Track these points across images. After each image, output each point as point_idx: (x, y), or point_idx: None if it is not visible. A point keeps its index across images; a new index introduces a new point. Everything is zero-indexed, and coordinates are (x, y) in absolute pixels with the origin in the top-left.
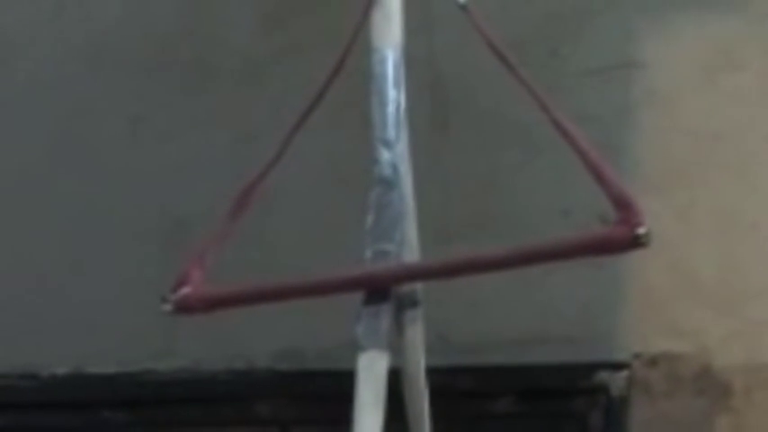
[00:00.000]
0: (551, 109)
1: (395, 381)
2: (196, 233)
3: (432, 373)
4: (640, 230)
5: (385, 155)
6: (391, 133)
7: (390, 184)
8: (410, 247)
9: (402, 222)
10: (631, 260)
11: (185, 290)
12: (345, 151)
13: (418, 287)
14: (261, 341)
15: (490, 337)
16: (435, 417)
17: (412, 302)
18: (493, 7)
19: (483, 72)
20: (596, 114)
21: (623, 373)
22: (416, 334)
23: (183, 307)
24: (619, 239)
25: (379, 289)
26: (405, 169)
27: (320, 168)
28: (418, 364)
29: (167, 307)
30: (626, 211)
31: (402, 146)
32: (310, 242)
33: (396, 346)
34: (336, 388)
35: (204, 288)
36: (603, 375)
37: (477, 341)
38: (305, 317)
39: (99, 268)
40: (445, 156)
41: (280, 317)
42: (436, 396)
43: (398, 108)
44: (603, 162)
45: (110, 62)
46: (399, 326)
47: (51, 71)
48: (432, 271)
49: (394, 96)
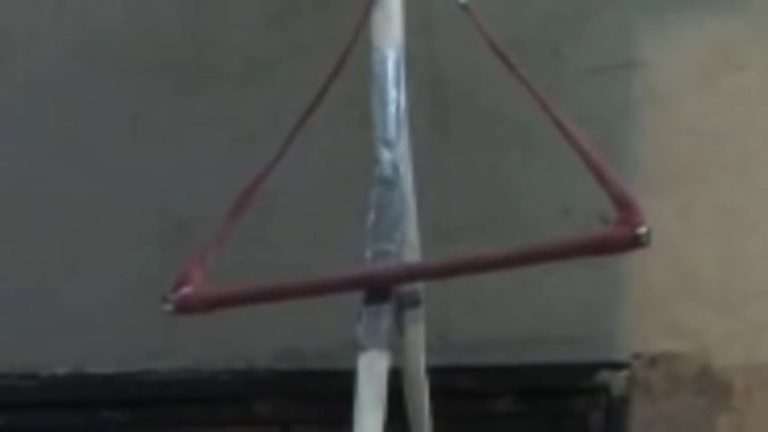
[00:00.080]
0: (552, 109)
1: (395, 381)
2: (196, 233)
3: (432, 373)
4: (641, 230)
5: (386, 155)
6: (392, 133)
7: (391, 184)
8: (411, 247)
9: (403, 222)
10: (632, 260)
11: (186, 290)
12: (346, 151)
13: (419, 287)
14: (261, 341)
15: (490, 337)
16: (436, 416)
17: (413, 302)
18: (493, 7)
19: (484, 72)
20: (597, 114)
21: (623, 373)
22: (417, 334)
23: (184, 307)
24: (619, 239)
25: (379, 289)
26: (405, 169)
27: (320, 168)
28: (419, 364)
29: (168, 307)
30: (627, 211)
31: (403, 146)
32: (311, 242)
33: (396, 346)
34: (337, 388)
35: (205, 288)
36: (604, 375)
37: (477, 341)
38: (305, 317)
39: (99, 268)
40: (445, 155)
41: (280, 317)
42: (436, 396)
43: (399, 108)
44: (604, 162)
45: (110, 62)
46: (400, 326)
47: (51, 71)
48: (432, 271)
49: (394, 96)
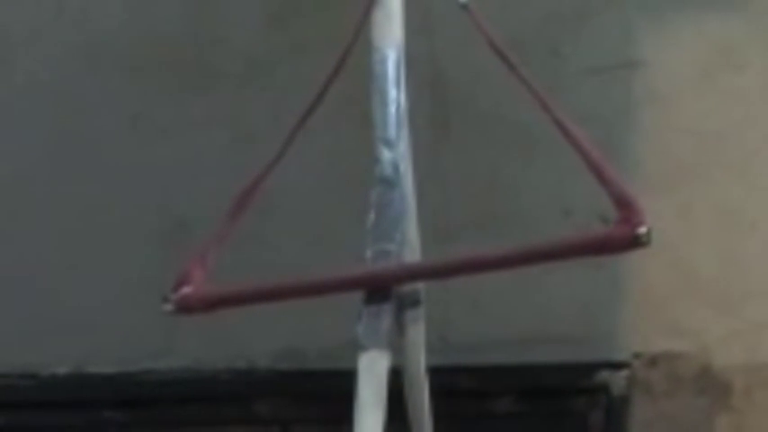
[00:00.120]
0: (552, 108)
1: (396, 380)
2: (196, 233)
3: (432, 373)
4: (641, 230)
5: (386, 154)
6: (392, 133)
7: (391, 184)
8: (411, 247)
9: (403, 222)
10: (632, 260)
11: (186, 289)
12: (346, 151)
13: (419, 287)
14: (261, 340)
15: (491, 337)
16: (436, 416)
17: (413, 302)
18: (493, 7)
19: (484, 71)
20: (597, 114)
21: (624, 373)
22: (418, 334)
23: (184, 307)
24: (620, 239)
25: (379, 288)
26: (406, 169)
27: (321, 168)
28: (419, 364)
29: (168, 306)
30: (627, 211)
31: (403, 145)
32: (310, 242)
33: (397, 346)
34: (337, 388)
35: (205, 288)
36: (604, 375)
37: (477, 341)
38: (306, 316)
39: (99, 268)
40: (445, 155)
41: (280, 316)
42: (437, 396)
43: (399, 108)
44: (604, 161)
45: (110, 62)
46: (400, 325)
47: (52, 71)
48: (432, 271)
49: (395, 96)
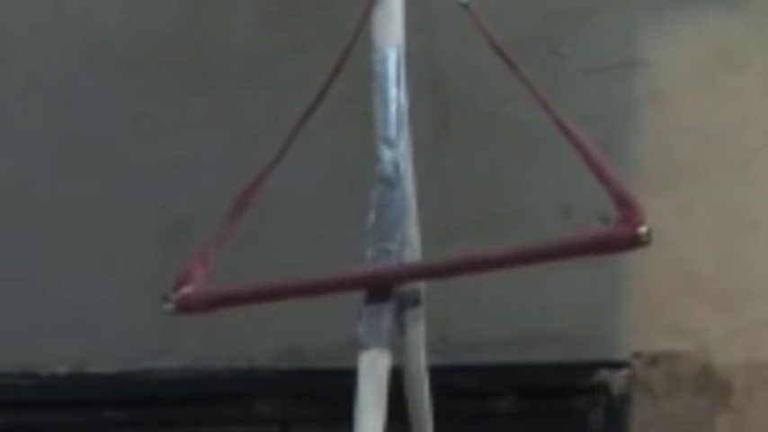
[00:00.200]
0: (552, 108)
1: (396, 380)
2: (197, 232)
3: (432, 372)
4: (642, 229)
5: (386, 154)
6: (393, 132)
7: (392, 183)
8: (411, 246)
9: (403, 221)
10: (632, 259)
11: (186, 289)
12: (346, 150)
13: (420, 286)
14: (262, 340)
15: (490, 336)
16: (436, 416)
17: (413, 301)
18: (494, 6)
19: (484, 71)
20: (597, 113)
21: (624, 372)
22: (418, 333)
23: (185, 306)
24: (620, 238)
25: (380, 288)
26: (406, 168)
27: (321, 167)
28: (420, 364)
29: (168, 306)
30: (627, 210)
31: (404, 145)
32: (311, 242)
33: (397, 346)
34: (338, 387)
35: (205, 287)
36: (604, 374)
37: (477, 340)
38: (306, 316)
39: (99, 267)
40: (446, 155)
41: (281, 316)
42: (437, 395)
43: (400, 107)
44: (605, 161)
45: (111, 62)
46: (401, 325)
47: (52, 70)
48: (433, 270)
49: (395, 95)
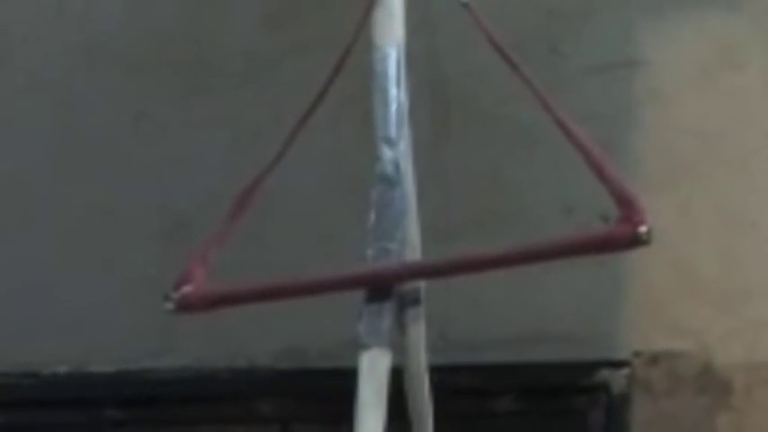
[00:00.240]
0: (553, 107)
1: (397, 379)
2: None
3: (432, 372)
4: (642, 228)
5: (387, 153)
6: (393, 131)
7: (392, 183)
8: (412, 246)
9: (404, 221)
10: (632, 258)
11: (187, 288)
12: (347, 150)
13: (420, 285)
14: (262, 339)
15: (491, 336)
16: (436, 415)
17: (414, 300)
18: (494, 5)
19: (484, 70)
20: (597, 112)
21: (624, 372)
22: (418, 332)
23: (185, 305)
24: (621, 237)
25: (380, 287)
26: (407, 167)
27: (321, 167)
28: (420, 363)
29: (169, 305)
30: (628, 209)
31: (404, 144)
32: (311, 241)
33: (398, 345)
34: (338, 386)
35: (206, 287)
36: (604, 374)
37: (477, 339)
38: (306, 315)
39: (100, 266)
40: (446, 154)
41: (281, 315)
42: (437, 394)
43: (400, 106)
44: (605, 160)
45: (111, 61)
46: (401, 324)
47: (52, 70)
48: (433, 269)
49: (396, 94)
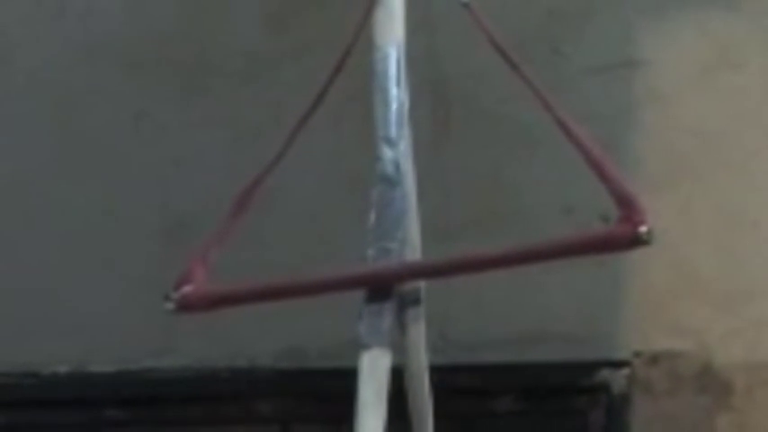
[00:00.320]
0: (553, 107)
1: (397, 379)
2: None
3: (433, 372)
4: (643, 228)
5: (387, 153)
6: (394, 131)
7: (393, 183)
8: (412, 246)
9: (404, 220)
10: (632, 258)
11: (187, 288)
12: (347, 149)
13: (421, 285)
14: (263, 339)
15: (491, 336)
16: (436, 415)
17: (414, 300)
18: (494, 5)
19: (485, 70)
20: (598, 112)
21: (624, 372)
22: (419, 332)
23: (186, 305)
24: (621, 237)
25: (381, 287)
26: (407, 167)
27: (322, 167)
28: (421, 363)
29: (169, 305)
30: (628, 209)
31: (404, 144)
32: (311, 241)
33: (398, 345)
34: (338, 386)
35: (206, 286)
36: (604, 374)
37: (478, 339)
38: (307, 315)
39: (100, 266)
40: (446, 154)
41: (281, 315)
42: (437, 394)
43: (401, 106)
44: (606, 160)
45: (112, 61)
46: (402, 324)
47: (53, 70)
48: (433, 269)
49: (396, 94)
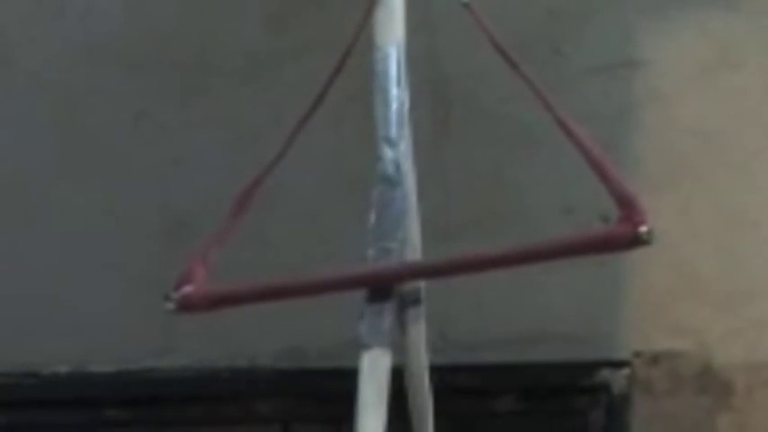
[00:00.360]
0: (553, 107)
1: (397, 379)
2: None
3: (433, 372)
4: (643, 229)
5: (388, 153)
6: (394, 131)
7: (393, 183)
8: (412, 246)
9: (404, 220)
10: (633, 258)
11: (188, 288)
12: (347, 149)
13: (421, 285)
14: (263, 339)
15: (491, 336)
16: (437, 415)
17: (414, 300)
18: (495, 5)
19: (485, 70)
20: (598, 112)
21: (624, 372)
22: (419, 332)
23: (186, 305)
24: (621, 237)
25: (381, 287)
26: (407, 167)
27: (322, 167)
28: (421, 363)
29: (170, 305)
30: (628, 209)
31: (405, 144)
32: (311, 241)
33: (398, 345)
34: (339, 386)
35: (207, 286)
36: (605, 374)
37: (478, 339)
38: (307, 315)
39: (100, 266)
40: (446, 154)
41: (282, 315)
42: (437, 394)
43: (401, 106)
44: (606, 160)
45: (112, 61)
46: (402, 324)
47: (53, 70)
48: (434, 269)
49: (397, 94)
